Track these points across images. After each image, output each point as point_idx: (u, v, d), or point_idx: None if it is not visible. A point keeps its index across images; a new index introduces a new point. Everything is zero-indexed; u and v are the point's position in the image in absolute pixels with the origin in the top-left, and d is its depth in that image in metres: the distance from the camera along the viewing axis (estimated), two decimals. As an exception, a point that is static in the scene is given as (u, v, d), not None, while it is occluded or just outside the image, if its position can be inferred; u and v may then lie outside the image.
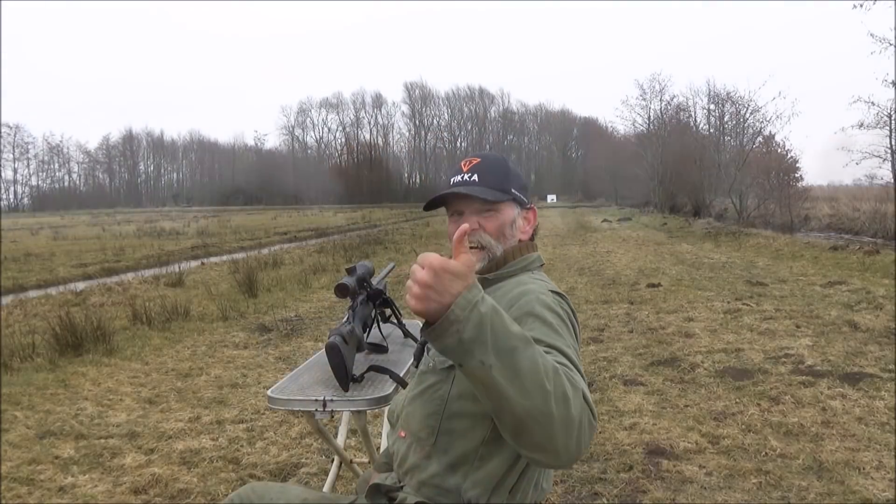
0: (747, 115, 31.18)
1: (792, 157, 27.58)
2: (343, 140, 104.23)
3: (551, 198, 71.38)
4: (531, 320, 1.25)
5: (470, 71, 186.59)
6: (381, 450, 1.97)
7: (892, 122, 22.59)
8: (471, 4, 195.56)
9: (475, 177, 1.48)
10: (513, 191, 1.50)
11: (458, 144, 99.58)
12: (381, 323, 2.20)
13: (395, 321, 2.27)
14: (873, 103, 22.32)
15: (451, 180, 1.51)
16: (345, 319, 1.94)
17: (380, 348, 2.15)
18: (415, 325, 2.53)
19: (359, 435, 3.33)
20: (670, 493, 2.95)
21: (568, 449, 1.00)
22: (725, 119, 34.69)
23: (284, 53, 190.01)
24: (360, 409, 1.75)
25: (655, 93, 42.47)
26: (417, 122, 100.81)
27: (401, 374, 1.88)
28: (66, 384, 4.76)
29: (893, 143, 23.11)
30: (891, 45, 20.53)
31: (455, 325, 0.99)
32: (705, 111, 37.12)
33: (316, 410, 1.73)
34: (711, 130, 35.99)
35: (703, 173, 32.14)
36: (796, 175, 27.44)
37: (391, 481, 1.46)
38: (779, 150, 27.90)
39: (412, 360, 2.04)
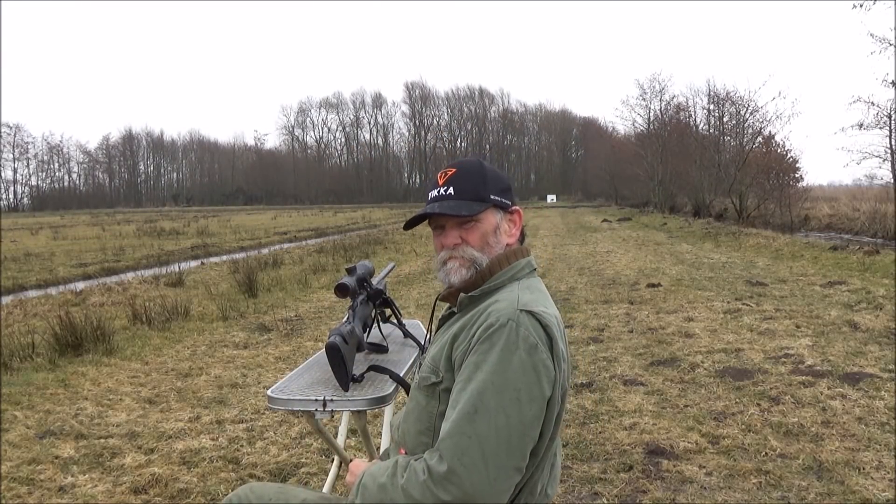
0: (747, 115, 31.10)
1: (792, 157, 27.63)
2: (343, 140, 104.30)
3: (551, 198, 71.40)
4: (471, 355, 1.31)
5: (470, 71, 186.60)
6: (381, 450, 1.97)
7: (892, 122, 22.62)
8: (471, 4, 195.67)
9: (451, 190, 1.46)
10: (492, 197, 1.47)
11: (458, 144, 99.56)
12: (381, 323, 2.20)
13: (395, 321, 2.27)
14: (873, 103, 22.37)
15: (429, 195, 1.50)
16: (345, 319, 1.94)
17: (380, 348, 2.15)
18: (415, 324, 2.54)
19: (359, 435, 3.33)
20: (670, 493, 2.95)
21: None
22: (725, 119, 34.57)
23: (284, 53, 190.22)
24: (360, 409, 1.75)
25: (655, 93, 42.46)
26: (417, 122, 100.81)
27: (401, 374, 1.88)
28: (65, 384, 4.76)
29: (893, 143, 23.12)
30: (891, 45, 20.57)
31: None
32: (705, 111, 37.02)
33: (316, 410, 1.72)
34: (711, 130, 35.89)
35: (703, 173, 32.10)
36: (796, 175, 27.49)
37: None
38: (779, 150, 27.91)
39: (412, 361, 2.05)
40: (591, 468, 3.22)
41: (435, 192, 1.48)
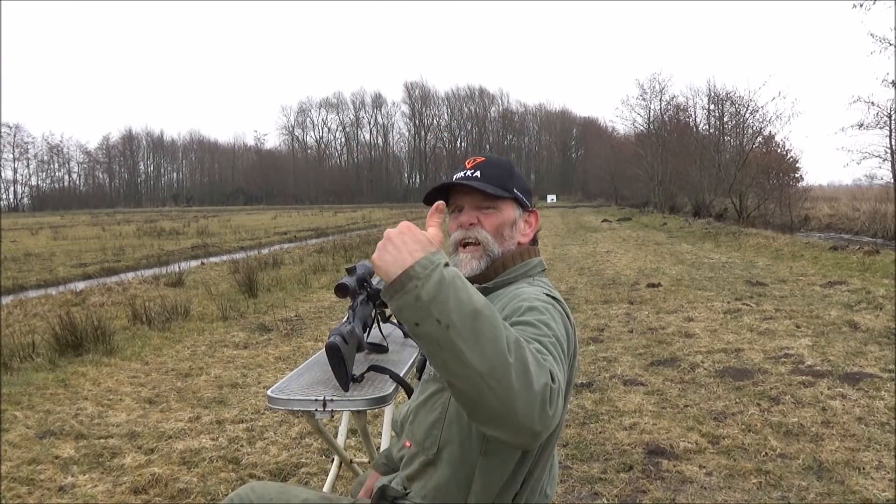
0: (747, 115, 31.10)
1: (792, 157, 27.63)
2: (343, 140, 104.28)
3: (551, 198, 71.30)
4: (517, 324, 1.22)
5: (470, 71, 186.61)
6: (381, 450, 1.97)
7: (892, 122, 22.60)
8: (471, 4, 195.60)
9: (477, 173, 1.47)
10: (515, 191, 1.49)
11: (458, 144, 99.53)
12: (381, 323, 2.20)
13: (396, 321, 2.27)
14: (873, 103, 22.35)
15: (454, 177, 1.49)
16: (345, 319, 1.94)
17: (380, 348, 2.15)
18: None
19: (359, 435, 3.33)
20: (670, 493, 2.95)
21: (530, 422, 0.94)
22: (725, 119, 34.56)
23: (284, 53, 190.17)
24: (360, 409, 1.75)
25: (655, 93, 42.44)
26: (417, 122, 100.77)
27: (401, 374, 1.88)
28: (66, 384, 4.76)
29: (893, 143, 23.11)
30: (891, 45, 20.55)
31: (413, 282, 0.98)
32: (705, 111, 37.03)
33: (316, 410, 1.72)
34: (711, 130, 35.88)
35: (703, 173, 32.10)
36: (796, 175, 27.49)
37: (395, 485, 1.46)
38: (779, 150, 27.91)
39: (413, 361, 2.05)
40: (591, 468, 3.22)
41: (461, 174, 1.48)
